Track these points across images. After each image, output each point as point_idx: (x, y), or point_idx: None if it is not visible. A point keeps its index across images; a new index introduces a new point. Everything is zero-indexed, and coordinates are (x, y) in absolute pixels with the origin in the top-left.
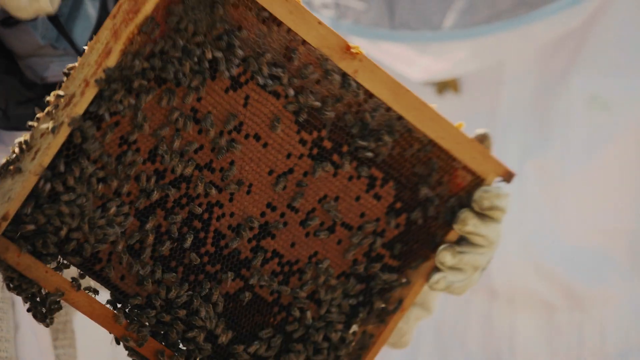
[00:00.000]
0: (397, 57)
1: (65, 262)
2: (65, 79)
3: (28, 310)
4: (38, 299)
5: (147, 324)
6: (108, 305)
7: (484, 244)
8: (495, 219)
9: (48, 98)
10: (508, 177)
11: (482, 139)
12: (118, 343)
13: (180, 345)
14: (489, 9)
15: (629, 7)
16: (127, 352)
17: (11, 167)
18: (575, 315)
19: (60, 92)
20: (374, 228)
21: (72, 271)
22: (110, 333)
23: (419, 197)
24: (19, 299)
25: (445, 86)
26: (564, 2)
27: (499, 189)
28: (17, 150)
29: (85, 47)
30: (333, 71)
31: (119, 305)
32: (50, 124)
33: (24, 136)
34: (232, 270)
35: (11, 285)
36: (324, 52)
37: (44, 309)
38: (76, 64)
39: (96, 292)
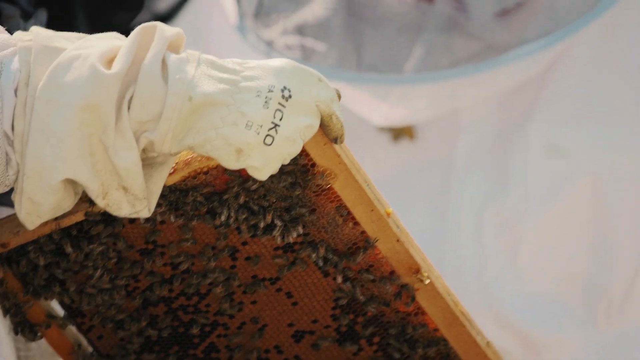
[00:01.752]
0: (359, 101)
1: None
2: None
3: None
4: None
5: None
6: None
7: None
8: None
9: None
10: None
11: None
12: None
13: None
14: (456, 53)
15: (586, 55)
16: None
17: None
18: None
19: None
20: None
21: None
22: None
23: None
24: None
25: (401, 133)
26: (530, 47)
27: None
28: None
29: None
30: (390, 282)
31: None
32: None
33: None
34: None
35: None
36: (391, 264)
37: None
38: None
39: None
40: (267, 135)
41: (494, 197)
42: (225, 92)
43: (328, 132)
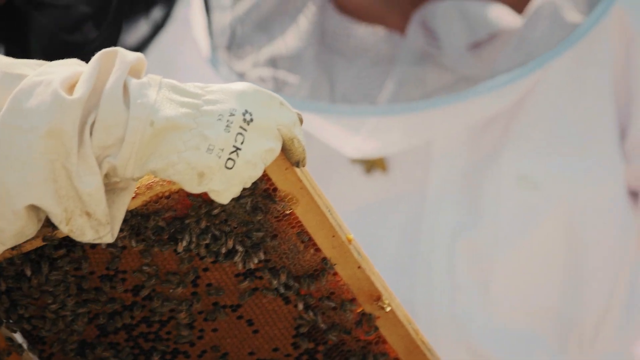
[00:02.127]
0: (331, 133)
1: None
2: None
3: None
4: None
5: None
6: None
7: None
8: None
9: None
10: None
11: None
12: None
13: None
14: (428, 84)
15: (558, 87)
16: None
17: None
18: None
19: None
20: None
21: None
22: None
23: None
24: None
25: (373, 165)
26: (502, 79)
27: None
28: None
29: None
30: (351, 310)
31: None
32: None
33: None
34: None
35: None
36: (352, 291)
37: None
38: None
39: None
40: (229, 158)
41: (466, 228)
42: (187, 115)
43: (290, 155)
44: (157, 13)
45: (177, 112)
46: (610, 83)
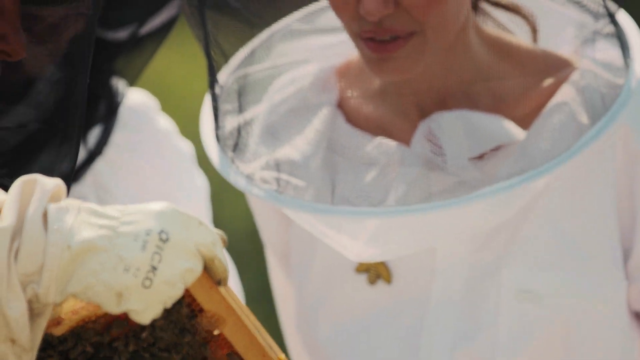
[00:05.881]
0: (334, 238)
1: None
2: None
3: None
4: None
5: None
6: None
7: None
8: None
9: None
10: None
11: None
12: None
13: None
14: (430, 188)
15: (560, 201)
16: None
17: None
18: None
19: None
20: None
21: None
22: None
23: None
24: None
25: (378, 276)
26: (503, 185)
27: None
28: None
29: None
30: None
31: None
32: None
33: None
34: None
35: None
36: None
37: None
38: None
39: None
40: (146, 278)
41: (466, 339)
42: (103, 237)
43: (211, 275)
44: (92, 139)
45: (94, 234)
46: (613, 200)
